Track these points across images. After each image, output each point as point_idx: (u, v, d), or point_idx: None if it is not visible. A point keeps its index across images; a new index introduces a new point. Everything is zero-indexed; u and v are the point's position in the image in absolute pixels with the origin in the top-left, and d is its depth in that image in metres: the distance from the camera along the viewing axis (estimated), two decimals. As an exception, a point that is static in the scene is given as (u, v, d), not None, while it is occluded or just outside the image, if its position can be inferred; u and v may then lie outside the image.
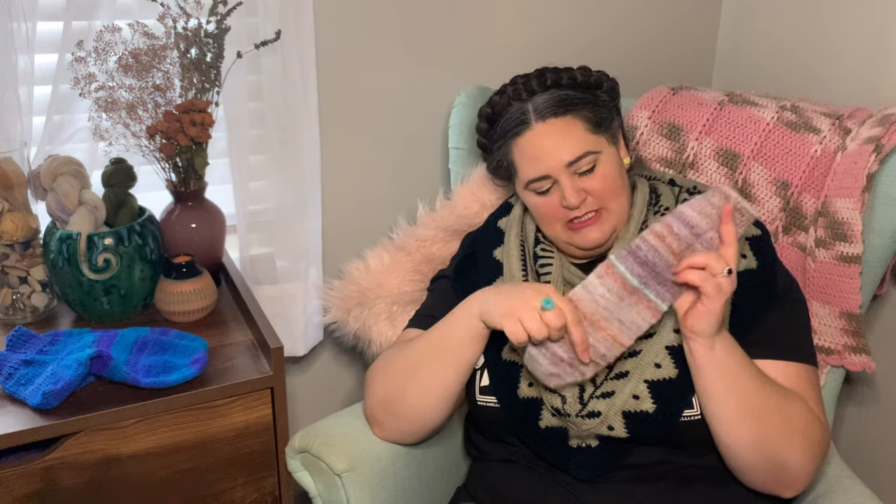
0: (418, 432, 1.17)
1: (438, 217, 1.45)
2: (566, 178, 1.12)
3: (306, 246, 1.52)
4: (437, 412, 1.13)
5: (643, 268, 0.98)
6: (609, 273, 0.99)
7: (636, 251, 0.98)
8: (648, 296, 0.99)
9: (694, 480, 1.08)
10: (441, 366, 1.10)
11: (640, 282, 0.98)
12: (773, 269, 1.13)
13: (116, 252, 1.21)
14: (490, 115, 1.21)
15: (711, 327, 0.97)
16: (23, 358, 1.12)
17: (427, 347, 1.12)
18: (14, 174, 1.22)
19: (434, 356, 1.10)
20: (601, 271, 1.00)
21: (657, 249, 0.97)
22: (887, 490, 1.56)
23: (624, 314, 1.00)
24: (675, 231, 0.97)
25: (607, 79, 1.22)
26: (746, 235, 1.13)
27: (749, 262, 1.11)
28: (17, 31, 1.23)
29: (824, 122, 1.33)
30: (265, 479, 1.20)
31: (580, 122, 1.14)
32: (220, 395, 1.12)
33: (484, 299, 1.06)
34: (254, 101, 1.44)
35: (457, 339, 1.08)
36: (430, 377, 1.11)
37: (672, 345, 1.06)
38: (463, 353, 1.09)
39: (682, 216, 0.97)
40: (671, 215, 0.98)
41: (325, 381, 1.72)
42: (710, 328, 0.97)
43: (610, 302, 0.99)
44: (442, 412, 1.14)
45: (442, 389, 1.11)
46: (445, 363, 1.10)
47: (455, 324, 1.09)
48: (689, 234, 0.97)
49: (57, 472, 1.05)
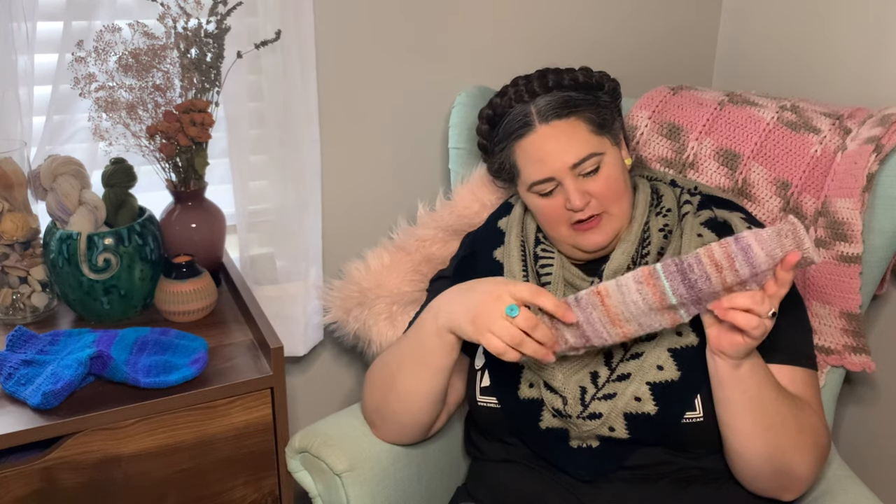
0: (411, 434, 1.17)
1: (438, 217, 1.45)
2: (570, 181, 1.12)
3: (306, 246, 1.52)
4: (422, 416, 1.13)
5: (688, 290, 0.94)
6: (649, 283, 0.95)
7: (687, 272, 0.93)
8: (679, 311, 0.97)
9: (693, 481, 1.08)
10: (417, 374, 1.09)
11: (678, 301, 0.95)
12: None
13: (116, 252, 1.21)
14: (491, 116, 1.21)
15: (743, 355, 0.97)
16: (23, 358, 1.12)
17: (401, 357, 1.11)
18: (14, 174, 1.22)
19: (409, 365, 1.10)
20: (641, 277, 0.96)
21: (710, 278, 0.93)
22: (887, 490, 1.56)
23: (646, 319, 0.98)
24: (737, 268, 0.92)
25: (608, 80, 1.22)
26: None
27: None
28: (17, 31, 1.23)
29: (824, 122, 1.33)
30: (265, 479, 1.20)
31: (583, 123, 1.14)
32: (220, 395, 1.12)
33: (448, 312, 1.03)
34: (254, 101, 1.44)
35: (429, 350, 1.06)
36: (409, 385, 1.10)
37: (674, 347, 1.05)
38: (438, 361, 1.07)
39: (748, 253, 0.92)
40: (736, 245, 0.92)
41: (325, 381, 1.72)
42: (741, 355, 0.97)
43: (639, 308, 0.97)
44: (427, 415, 1.13)
45: (422, 396, 1.10)
46: (420, 372, 1.08)
47: (425, 334, 1.06)
48: (748, 273, 0.92)
49: (57, 472, 1.05)
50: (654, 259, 1.12)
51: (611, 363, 1.07)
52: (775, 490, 1.07)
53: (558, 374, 1.07)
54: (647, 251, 1.14)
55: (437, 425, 1.20)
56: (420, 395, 1.10)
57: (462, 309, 1.01)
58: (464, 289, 1.04)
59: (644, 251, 1.14)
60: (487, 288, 1.00)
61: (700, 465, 1.08)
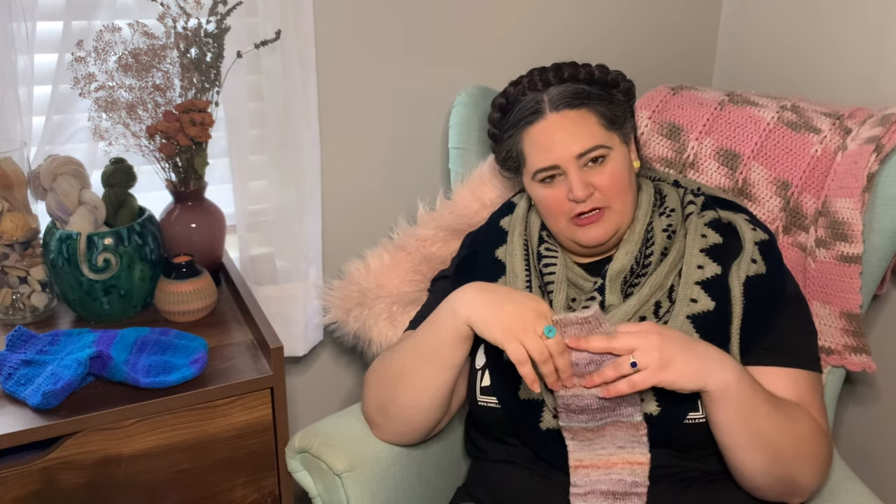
0: (415, 433, 1.17)
1: (438, 217, 1.45)
2: (574, 171, 1.12)
3: (306, 246, 1.52)
4: (430, 413, 1.13)
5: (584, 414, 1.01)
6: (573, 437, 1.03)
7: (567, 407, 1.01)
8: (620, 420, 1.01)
9: (693, 482, 1.08)
10: (429, 369, 1.09)
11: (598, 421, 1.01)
12: (782, 272, 1.13)
13: (116, 252, 1.21)
14: (504, 104, 1.21)
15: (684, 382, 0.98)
16: (23, 358, 1.12)
17: (413, 351, 1.11)
18: (14, 174, 1.22)
19: (421, 360, 1.09)
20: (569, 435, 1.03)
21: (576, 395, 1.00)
22: (887, 490, 1.56)
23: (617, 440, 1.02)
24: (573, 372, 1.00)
25: (624, 79, 1.21)
26: (755, 240, 1.13)
27: (759, 266, 1.10)
28: (17, 31, 1.23)
29: (824, 122, 1.33)
30: (265, 479, 1.20)
31: (594, 116, 1.14)
32: (220, 395, 1.12)
33: (473, 307, 1.03)
34: (254, 101, 1.44)
35: (443, 343, 1.07)
36: (419, 381, 1.10)
37: None
38: (450, 355, 1.07)
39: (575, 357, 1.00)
40: None
41: (325, 381, 1.72)
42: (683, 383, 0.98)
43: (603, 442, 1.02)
44: (435, 413, 1.13)
45: (432, 392, 1.10)
46: (433, 366, 1.09)
47: (441, 327, 1.07)
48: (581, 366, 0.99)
49: (56, 472, 1.05)
50: (657, 259, 1.12)
51: None
52: (781, 496, 1.07)
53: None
54: (650, 251, 1.13)
55: (438, 427, 1.20)
56: (431, 391, 1.10)
57: (495, 313, 1.01)
58: (493, 292, 1.04)
59: (647, 251, 1.14)
60: (530, 303, 1.01)
61: (701, 467, 1.07)
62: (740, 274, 1.09)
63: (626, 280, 1.13)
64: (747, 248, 1.11)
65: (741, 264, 1.10)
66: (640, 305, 1.09)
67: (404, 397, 1.12)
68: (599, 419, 1.01)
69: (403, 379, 1.11)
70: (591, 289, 1.14)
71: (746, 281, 1.08)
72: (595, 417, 1.01)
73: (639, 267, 1.13)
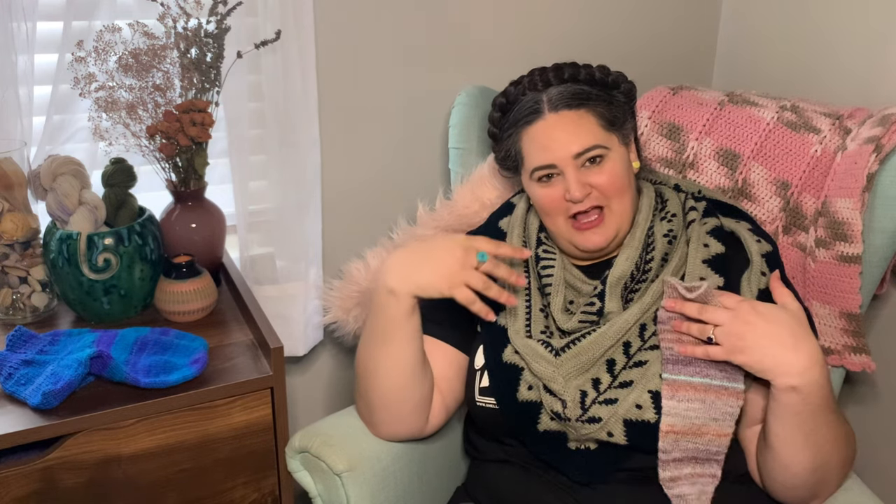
0: (407, 422, 1.16)
1: (438, 217, 1.45)
2: (572, 171, 1.12)
3: (306, 246, 1.52)
4: (409, 391, 1.13)
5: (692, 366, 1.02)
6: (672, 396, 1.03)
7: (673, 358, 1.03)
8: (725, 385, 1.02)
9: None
10: (389, 349, 1.10)
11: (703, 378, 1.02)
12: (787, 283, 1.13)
13: (116, 252, 1.21)
14: (504, 104, 1.21)
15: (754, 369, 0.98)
16: (23, 358, 1.12)
17: (372, 342, 1.12)
18: (14, 174, 1.22)
19: (381, 345, 1.11)
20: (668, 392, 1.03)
21: None
22: (887, 490, 1.56)
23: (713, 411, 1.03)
24: None
25: (625, 80, 1.21)
26: (761, 252, 1.12)
27: (767, 279, 1.10)
28: (17, 31, 1.23)
29: (824, 122, 1.33)
30: (265, 479, 1.20)
31: (593, 117, 1.14)
32: (220, 395, 1.12)
33: (406, 278, 1.05)
34: (254, 101, 1.44)
35: (394, 323, 1.08)
36: (387, 362, 1.11)
37: None
38: (405, 329, 1.08)
39: None
40: None
41: (325, 381, 1.72)
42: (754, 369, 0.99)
43: (698, 411, 1.02)
44: (414, 389, 1.13)
45: (401, 367, 1.11)
46: (392, 346, 1.10)
47: (386, 310, 1.08)
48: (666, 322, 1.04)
49: (56, 472, 1.05)
50: (657, 265, 1.12)
51: (613, 370, 1.07)
52: (807, 498, 1.07)
53: (558, 377, 1.07)
54: (651, 257, 1.13)
55: (434, 422, 1.19)
56: (401, 367, 1.10)
57: (429, 271, 1.04)
58: (415, 252, 1.08)
59: (648, 257, 1.13)
60: (448, 245, 1.05)
61: None
62: (752, 287, 1.09)
63: (627, 286, 1.12)
64: (755, 261, 1.11)
65: (751, 278, 1.10)
66: (641, 314, 1.08)
67: (379, 384, 1.12)
68: (705, 376, 1.02)
69: (371, 367, 1.12)
70: (590, 292, 1.14)
71: (759, 294, 1.09)
72: (702, 373, 1.02)
73: (639, 273, 1.13)
